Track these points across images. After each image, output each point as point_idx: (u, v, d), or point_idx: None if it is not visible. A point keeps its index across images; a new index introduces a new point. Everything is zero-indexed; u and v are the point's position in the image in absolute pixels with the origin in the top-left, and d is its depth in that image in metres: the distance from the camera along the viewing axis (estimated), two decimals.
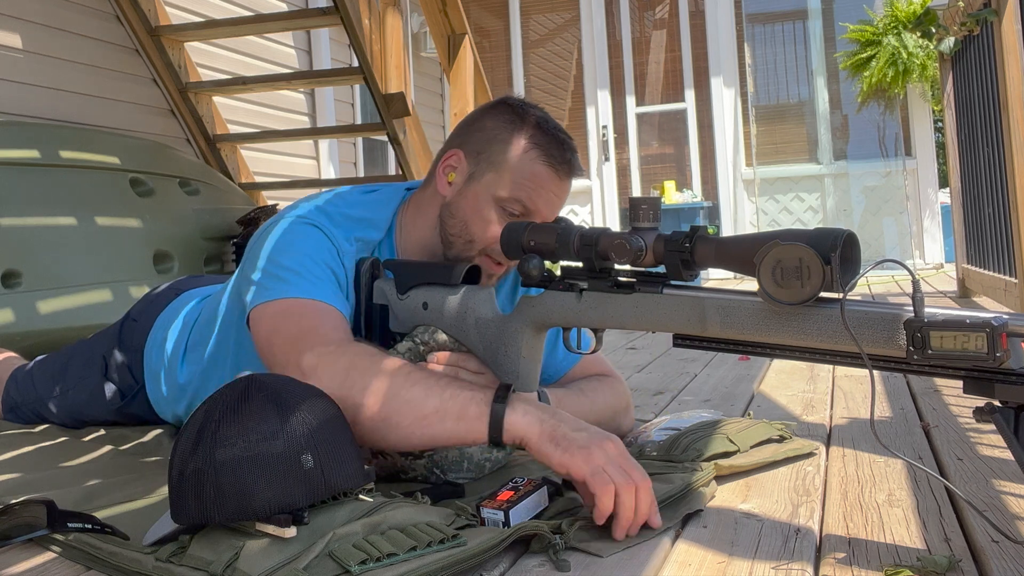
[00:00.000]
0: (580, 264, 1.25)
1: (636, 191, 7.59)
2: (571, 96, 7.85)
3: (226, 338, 1.58)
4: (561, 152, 1.40)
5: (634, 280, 1.22)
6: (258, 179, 4.53)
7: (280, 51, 5.27)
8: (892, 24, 6.78)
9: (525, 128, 1.41)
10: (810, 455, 1.53)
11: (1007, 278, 3.65)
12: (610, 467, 1.11)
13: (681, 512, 1.21)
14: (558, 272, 1.29)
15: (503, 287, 1.57)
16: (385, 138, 4.24)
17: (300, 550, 1.01)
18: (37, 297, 2.77)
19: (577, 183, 8.11)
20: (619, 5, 7.66)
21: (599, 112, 7.60)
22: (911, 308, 0.98)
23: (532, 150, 1.40)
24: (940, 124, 6.05)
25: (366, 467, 1.13)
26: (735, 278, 6.00)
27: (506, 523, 1.11)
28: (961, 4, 4.06)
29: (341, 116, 5.92)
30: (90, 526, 1.18)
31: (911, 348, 0.97)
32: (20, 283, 2.76)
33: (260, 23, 4.25)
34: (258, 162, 4.77)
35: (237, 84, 4.21)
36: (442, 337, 1.35)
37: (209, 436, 1.05)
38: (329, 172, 5.68)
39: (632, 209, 1.19)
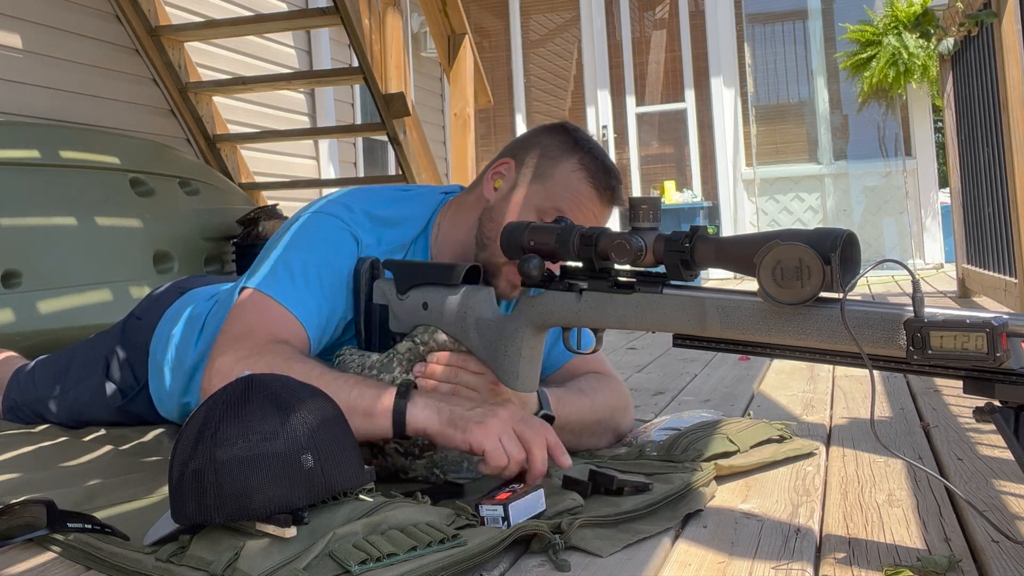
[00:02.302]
0: (580, 264, 1.25)
1: (636, 191, 7.59)
2: (571, 96, 7.85)
3: None
4: (607, 178, 1.46)
5: (634, 280, 1.22)
6: (258, 179, 4.53)
7: (280, 51, 5.27)
8: (892, 24, 6.78)
9: (577, 151, 1.46)
10: (810, 455, 1.53)
11: (1007, 278, 3.65)
12: (505, 438, 1.20)
13: (681, 512, 1.21)
14: (558, 272, 1.29)
15: None
16: (385, 138, 4.24)
17: (300, 550, 1.01)
18: (37, 297, 2.77)
19: None
20: (619, 5, 7.66)
21: (599, 112, 7.60)
22: (911, 308, 0.98)
23: (580, 170, 1.45)
24: (940, 124, 6.05)
25: (366, 467, 1.13)
26: (735, 278, 6.00)
27: (505, 518, 1.11)
28: (960, 5, 4.06)
29: (341, 116, 5.92)
30: (90, 526, 1.17)
31: (911, 348, 0.97)
32: (20, 283, 2.76)
33: (260, 23, 4.25)
34: (258, 162, 4.77)
35: (237, 84, 4.21)
36: (442, 337, 1.36)
37: (209, 436, 1.05)
38: (329, 172, 5.68)
39: (632, 209, 1.19)
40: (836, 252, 1.00)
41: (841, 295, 1.02)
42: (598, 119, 7.60)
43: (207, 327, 1.71)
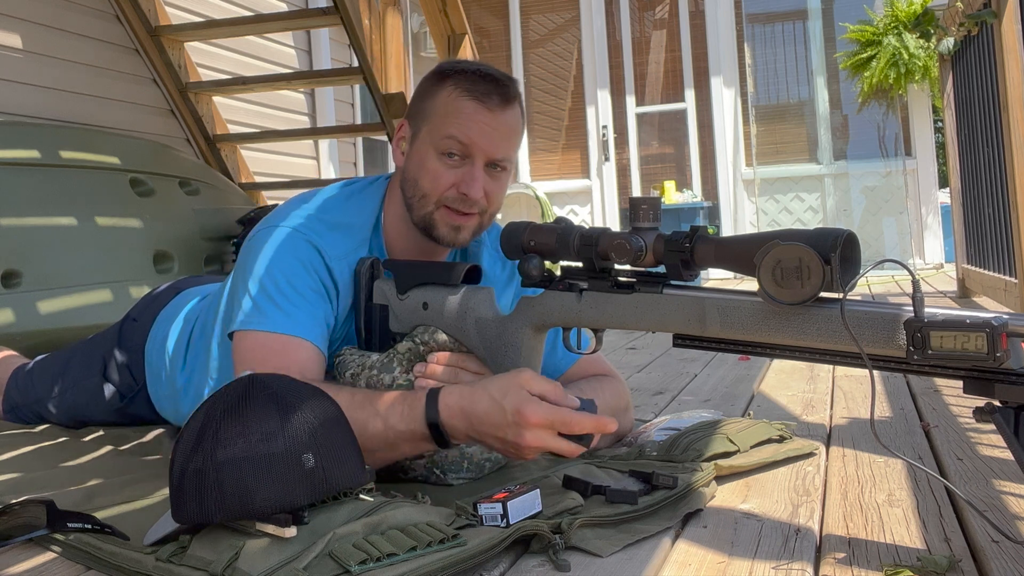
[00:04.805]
0: (580, 264, 1.26)
1: (636, 191, 7.58)
2: (571, 96, 7.85)
3: (227, 349, 1.56)
4: (486, 84, 1.41)
5: (634, 280, 1.22)
6: (258, 179, 4.53)
7: (280, 51, 5.27)
8: (892, 24, 6.77)
9: (448, 77, 1.43)
10: (810, 455, 1.53)
11: (1007, 278, 3.65)
12: (535, 447, 1.16)
13: (681, 512, 1.21)
14: (558, 272, 1.29)
15: (502, 286, 1.57)
16: (385, 138, 4.25)
17: (300, 550, 1.01)
18: (37, 297, 2.77)
19: (578, 183, 8.04)
20: (619, 5, 7.66)
21: (599, 112, 7.60)
22: (911, 308, 0.98)
23: (455, 89, 1.41)
24: (940, 124, 6.05)
25: (366, 467, 1.13)
26: (735, 278, 6.00)
27: (504, 515, 1.11)
28: (960, 5, 4.06)
29: (341, 116, 5.92)
30: (90, 526, 1.18)
31: (911, 348, 0.97)
32: (20, 283, 2.76)
33: (260, 23, 4.25)
34: (258, 162, 4.77)
35: (237, 84, 4.21)
36: (442, 337, 1.36)
37: (210, 436, 1.05)
38: (329, 172, 5.68)
39: (632, 209, 1.19)
40: (836, 252, 1.00)
41: (841, 295, 1.02)
42: (598, 119, 7.60)
43: (192, 348, 1.70)
